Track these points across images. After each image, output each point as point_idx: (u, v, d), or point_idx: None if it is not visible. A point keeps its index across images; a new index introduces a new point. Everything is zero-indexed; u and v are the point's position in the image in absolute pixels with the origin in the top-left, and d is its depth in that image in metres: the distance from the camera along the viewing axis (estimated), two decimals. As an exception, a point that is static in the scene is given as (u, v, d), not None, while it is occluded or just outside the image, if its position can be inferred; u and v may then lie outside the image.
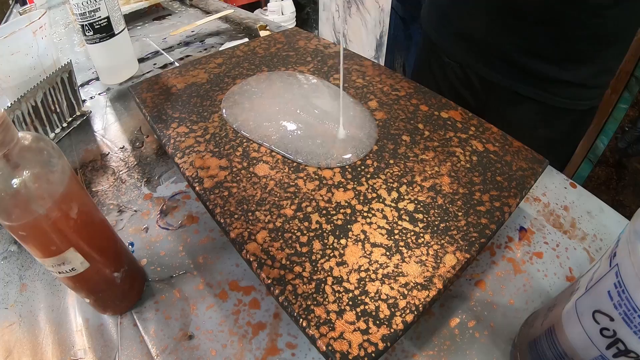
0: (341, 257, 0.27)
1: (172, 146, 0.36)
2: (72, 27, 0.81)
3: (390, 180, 0.33)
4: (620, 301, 0.17)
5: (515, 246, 0.34)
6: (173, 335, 0.29)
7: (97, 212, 0.28)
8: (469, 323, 0.29)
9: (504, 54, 0.48)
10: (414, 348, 0.28)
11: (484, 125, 0.38)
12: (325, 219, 0.30)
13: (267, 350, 0.28)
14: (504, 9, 0.44)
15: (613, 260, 0.18)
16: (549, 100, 0.49)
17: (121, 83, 0.59)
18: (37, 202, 0.22)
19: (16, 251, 0.37)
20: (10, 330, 0.31)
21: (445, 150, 0.35)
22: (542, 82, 0.48)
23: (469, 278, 0.32)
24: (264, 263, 0.27)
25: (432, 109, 0.40)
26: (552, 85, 0.47)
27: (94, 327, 0.30)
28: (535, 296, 0.31)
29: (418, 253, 0.27)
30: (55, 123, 0.48)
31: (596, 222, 0.36)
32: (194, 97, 0.43)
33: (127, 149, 0.46)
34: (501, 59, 0.48)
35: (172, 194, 0.40)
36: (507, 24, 0.45)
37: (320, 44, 0.52)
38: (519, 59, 0.47)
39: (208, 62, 0.49)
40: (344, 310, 0.24)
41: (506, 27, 0.46)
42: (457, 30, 0.53)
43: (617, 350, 0.18)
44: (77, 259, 0.25)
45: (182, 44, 0.69)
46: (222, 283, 0.32)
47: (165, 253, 0.35)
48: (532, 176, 0.33)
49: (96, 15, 0.52)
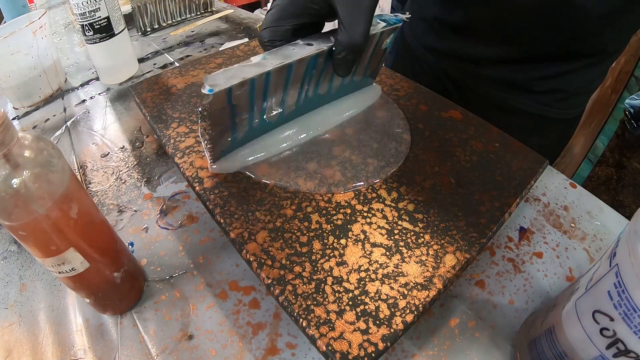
0: (341, 257, 0.27)
1: (172, 146, 0.36)
2: (72, 27, 0.81)
3: (390, 180, 0.33)
4: (620, 301, 0.17)
5: (515, 246, 0.34)
6: (173, 335, 0.29)
7: (97, 212, 0.28)
8: (469, 323, 0.29)
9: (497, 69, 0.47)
10: (414, 348, 0.28)
11: (484, 125, 0.38)
12: (325, 219, 0.30)
13: (267, 350, 0.28)
14: (498, 23, 0.44)
15: (613, 260, 0.18)
16: (543, 112, 0.49)
17: (121, 83, 0.59)
18: (37, 202, 0.22)
19: (16, 251, 0.37)
20: (10, 330, 0.31)
21: (445, 150, 0.35)
22: (535, 94, 0.47)
23: (469, 278, 0.32)
24: (264, 263, 0.27)
25: (432, 109, 0.40)
26: (546, 95, 0.47)
27: (94, 327, 0.30)
28: (535, 296, 0.31)
29: (418, 253, 0.27)
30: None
31: (596, 222, 0.36)
32: (194, 97, 0.43)
33: (127, 149, 0.46)
34: (494, 76, 0.48)
35: (172, 194, 0.40)
36: (501, 37, 0.45)
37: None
38: (511, 74, 0.47)
39: (208, 62, 0.49)
40: (344, 310, 0.24)
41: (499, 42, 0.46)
42: (445, 47, 0.52)
43: (617, 350, 0.18)
44: (77, 259, 0.25)
45: (182, 44, 0.69)
46: (222, 283, 0.32)
47: (165, 253, 0.35)
48: (532, 176, 0.33)
49: (96, 15, 0.52)
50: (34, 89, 0.56)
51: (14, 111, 0.57)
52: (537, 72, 0.46)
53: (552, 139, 0.52)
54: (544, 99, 0.47)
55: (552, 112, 0.48)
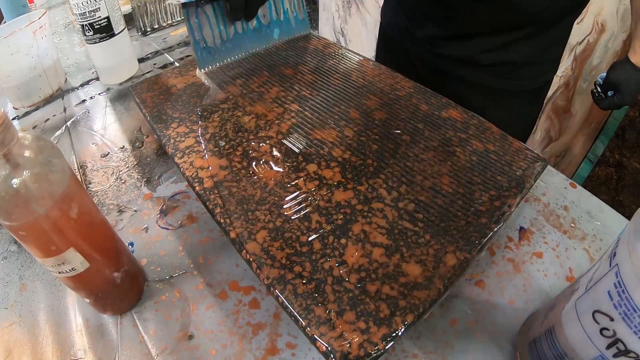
0: (341, 257, 0.27)
1: (172, 146, 0.36)
2: (72, 27, 0.81)
3: (391, 180, 0.33)
4: (620, 301, 0.17)
5: (515, 246, 0.34)
6: (173, 335, 0.29)
7: (97, 212, 0.28)
8: (469, 323, 0.29)
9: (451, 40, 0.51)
10: (414, 348, 0.28)
11: (484, 125, 0.38)
12: (325, 219, 0.30)
13: (267, 350, 0.28)
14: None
15: (613, 260, 0.18)
16: (497, 84, 0.51)
17: (121, 83, 0.59)
18: (37, 202, 0.22)
19: (16, 251, 0.37)
20: (10, 330, 0.31)
21: (445, 150, 0.35)
22: (487, 67, 0.50)
23: (469, 278, 0.32)
24: (264, 263, 0.27)
25: (432, 109, 0.40)
26: (497, 68, 0.50)
27: (94, 327, 0.30)
28: (535, 296, 0.31)
29: (418, 253, 0.27)
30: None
31: (596, 222, 0.36)
32: (194, 97, 0.43)
33: (127, 149, 0.46)
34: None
35: (172, 194, 0.40)
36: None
37: (320, 44, 0.52)
38: (462, 49, 0.51)
39: (208, 62, 0.49)
40: (344, 310, 0.24)
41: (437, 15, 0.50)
42: (405, 23, 0.56)
43: (617, 350, 0.18)
44: (77, 259, 0.25)
45: (182, 44, 0.69)
46: (222, 283, 0.32)
47: (165, 253, 0.35)
48: (532, 176, 0.33)
49: (96, 15, 0.52)
50: (34, 89, 0.56)
51: (14, 111, 0.57)
52: (480, 46, 0.49)
53: (514, 112, 0.54)
54: (493, 71, 0.51)
55: (504, 84, 0.51)
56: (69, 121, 0.52)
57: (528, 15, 0.45)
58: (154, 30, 0.74)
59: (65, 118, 0.53)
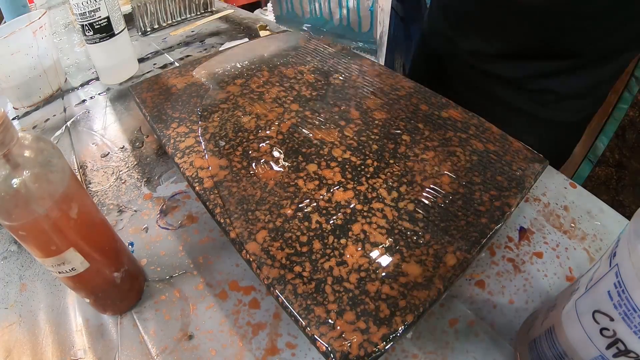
0: (341, 257, 0.27)
1: (172, 146, 0.36)
2: (72, 27, 0.81)
3: (391, 180, 0.33)
4: (620, 301, 0.17)
5: (515, 246, 0.34)
6: (173, 335, 0.29)
7: (97, 212, 0.28)
8: (469, 323, 0.29)
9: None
10: (414, 348, 0.28)
11: (484, 125, 0.38)
12: (325, 219, 0.30)
13: (267, 350, 0.28)
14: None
15: (613, 260, 0.18)
16: (536, 111, 0.50)
17: (121, 83, 0.59)
18: (37, 202, 0.22)
19: (16, 251, 0.37)
20: (10, 330, 0.31)
21: (445, 150, 0.35)
22: (530, 92, 0.49)
23: (469, 278, 0.32)
24: (263, 263, 0.27)
25: (432, 109, 0.40)
26: (539, 95, 0.48)
27: (94, 327, 0.30)
28: (535, 296, 0.31)
29: (418, 253, 0.27)
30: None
31: (596, 222, 0.36)
32: (194, 97, 0.43)
33: (127, 149, 0.46)
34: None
35: (172, 194, 0.40)
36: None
37: (320, 43, 0.52)
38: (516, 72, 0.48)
39: (208, 62, 0.49)
40: (344, 310, 0.24)
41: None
42: (449, 38, 0.54)
43: (617, 350, 0.18)
44: (77, 259, 0.25)
45: (182, 44, 0.69)
46: (222, 283, 0.32)
47: (165, 253, 0.35)
48: (532, 176, 0.33)
49: (96, 15, 0.52)
50: (34, 89, 0.56)
51: (14, 111, 0.57)
52: (526, 70, 0.47)
53: (546, 140, 0.53)
54: (536, 98, 0.49)
55: (543, 112, 0.50)
56: (69, 121, 0.52)
57: (576, 47, 0.43)
58: (154, 30, 0.74)
59: (65, 118, 0.53)
